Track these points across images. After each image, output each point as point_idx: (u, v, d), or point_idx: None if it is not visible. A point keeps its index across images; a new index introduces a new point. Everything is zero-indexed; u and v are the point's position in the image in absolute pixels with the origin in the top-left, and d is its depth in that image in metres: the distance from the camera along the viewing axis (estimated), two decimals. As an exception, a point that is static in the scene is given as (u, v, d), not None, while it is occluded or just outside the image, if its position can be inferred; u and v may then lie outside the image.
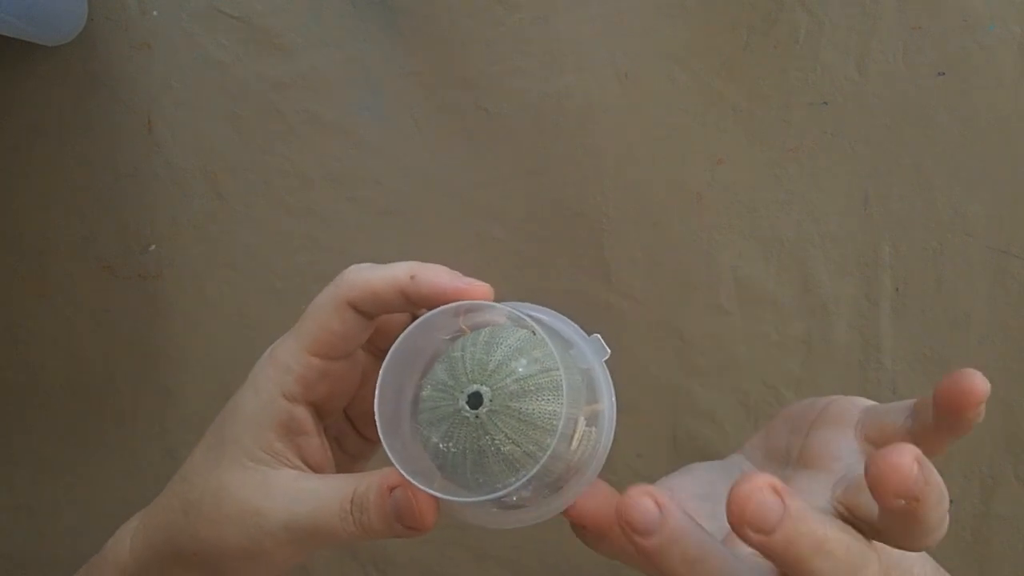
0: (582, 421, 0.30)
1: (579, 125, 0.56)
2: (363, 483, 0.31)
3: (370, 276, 0.32)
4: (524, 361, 0.29)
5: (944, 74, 0.54)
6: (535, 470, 0.28)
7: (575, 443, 0.30)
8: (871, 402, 0.32)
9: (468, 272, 0.34)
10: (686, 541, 0.25)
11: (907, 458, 0.24)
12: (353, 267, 0.33)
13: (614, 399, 0.31)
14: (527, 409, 0.29)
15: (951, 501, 0.57)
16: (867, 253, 0.56)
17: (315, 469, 0.34)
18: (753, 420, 0.57)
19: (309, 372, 0.33)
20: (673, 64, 0.55)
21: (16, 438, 0.62)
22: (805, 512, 0.24)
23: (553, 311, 0.33)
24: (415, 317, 0.33)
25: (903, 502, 0.24)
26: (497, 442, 0.29)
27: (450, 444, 0.29)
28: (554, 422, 0.29)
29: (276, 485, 0.32)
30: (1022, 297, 0.54)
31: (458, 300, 0.31)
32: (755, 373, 0.57)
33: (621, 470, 0.57)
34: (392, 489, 0.30)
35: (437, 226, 0.58)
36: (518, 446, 0.29)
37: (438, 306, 0.31)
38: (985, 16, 0.53)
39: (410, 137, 0.57)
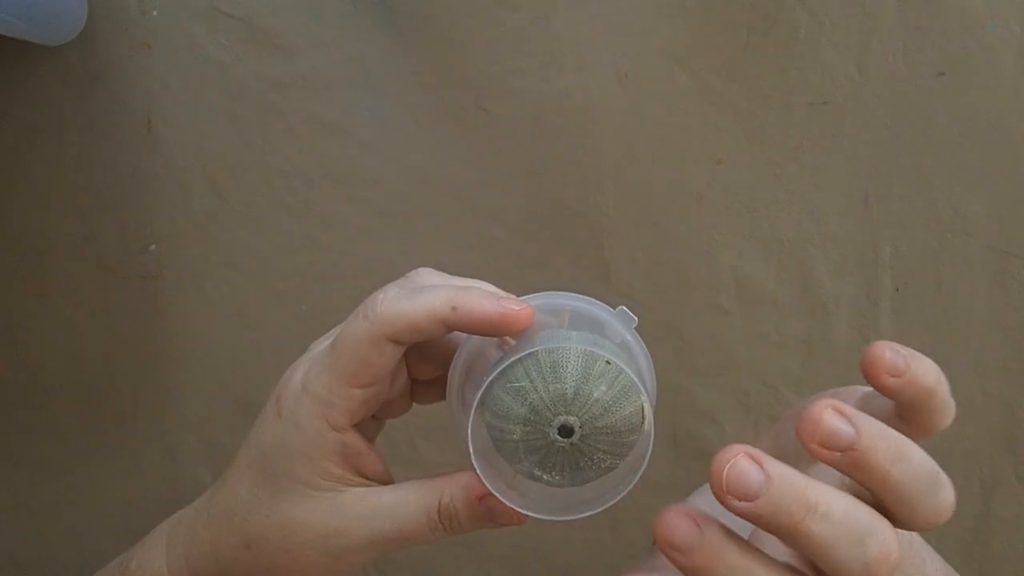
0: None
1: (579, 125, 0.56)
2: (446, 494, 0.32)
3: (408, 310, 0.31)
4: (599, 383, 0.30)
5: (944, 74, 0.54)
6: (640, 473, 0.30)
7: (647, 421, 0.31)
8: (869, 388, 0.32)
9: (469, 273, 0.34)
10: (727, 553, 0.25)
11: (817, 409, 0.25)
12: (385, 297, 0.32)
13: (650, 361, 0.33)
14: (614, 423, 0.30)
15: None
16: (867, 253, 0.56)
17: (377, 479, 0.34)
18: (753, 420, 0.57)
19: (353, 403, 0.32)
20: (673, 64, 0.55)
21: (16, 438, 0.62)
22: (788, 474, 0.25)
23: (569, 293, 0.34)
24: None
25: (838, 454, 0.25)
26: (596, 459, 0.31)
27: (549, 471, 0.31)
28: (639, 419, 0.31)
29: (349, 505, 0.33)
30: (1022, 297, 0.54)
31: (503, 329, 0.31)
32: (755, 373, 0.57)
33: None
34: (481, 499, 0.32)
35: (437, 226, 0.58)
36: (614, 455, 0.31)
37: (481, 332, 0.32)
38: (985, 16, 0.53)
39: (410, 137, 0.57)
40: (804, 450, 0.33)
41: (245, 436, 0.36)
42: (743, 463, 0.24)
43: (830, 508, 0.25)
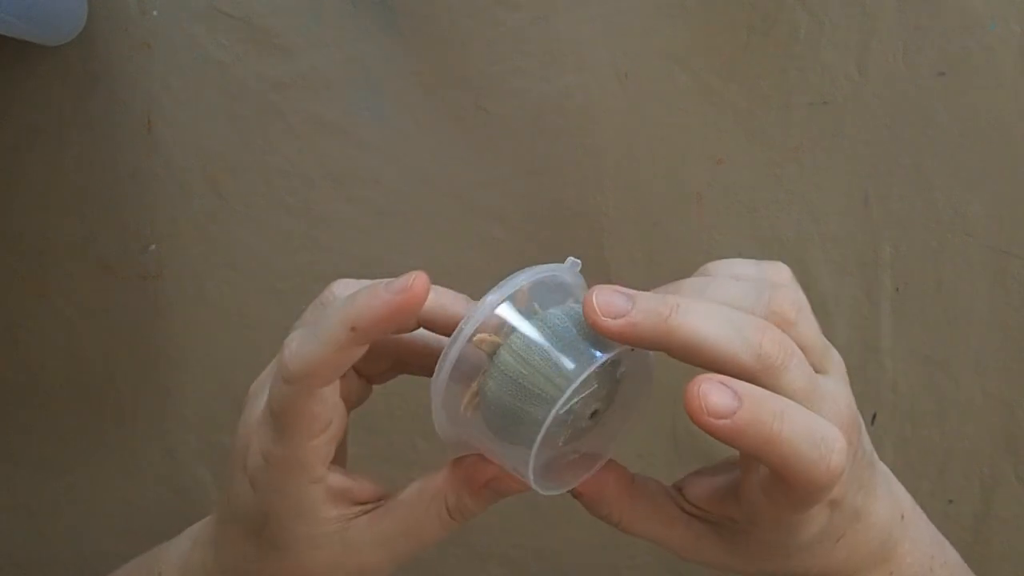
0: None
1: (579, 125, 0.56)
2: (450, 496, 0.33)
3: (316, 355, 0.29)
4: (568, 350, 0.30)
5: (944, 74, 0.54)
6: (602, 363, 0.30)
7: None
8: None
9: (469, 272, 0.34)
10: (769, 401, 0.27)
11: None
12: (291, 350, 0.30)
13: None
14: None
15: (950, 501, 0.57)
16: (867, 253, 0.56)
17: (372, 498, 0.34)
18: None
19: (319, 451, 0.32)
20: (673, 64, 0.55)
21: (16, 438, 0.62)
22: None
23: (521, 270, 0.33)
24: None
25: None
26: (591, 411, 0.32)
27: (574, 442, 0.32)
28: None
29: (359, 538, 0.33)
30: (1022, 297, 0.54)
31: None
32: (755, 373, 0.57)
33: (621, 470, 0.57)
34: (485, 485, 0.33)
35: (437, 226, 0.58)
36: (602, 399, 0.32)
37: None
38: (985, 16, 0.53)
39: (410, 137, 0.57)
40: None
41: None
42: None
43: (692, 304, 0.28)
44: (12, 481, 0.62)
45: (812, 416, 0.28)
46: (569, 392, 0.29)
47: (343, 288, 0.33)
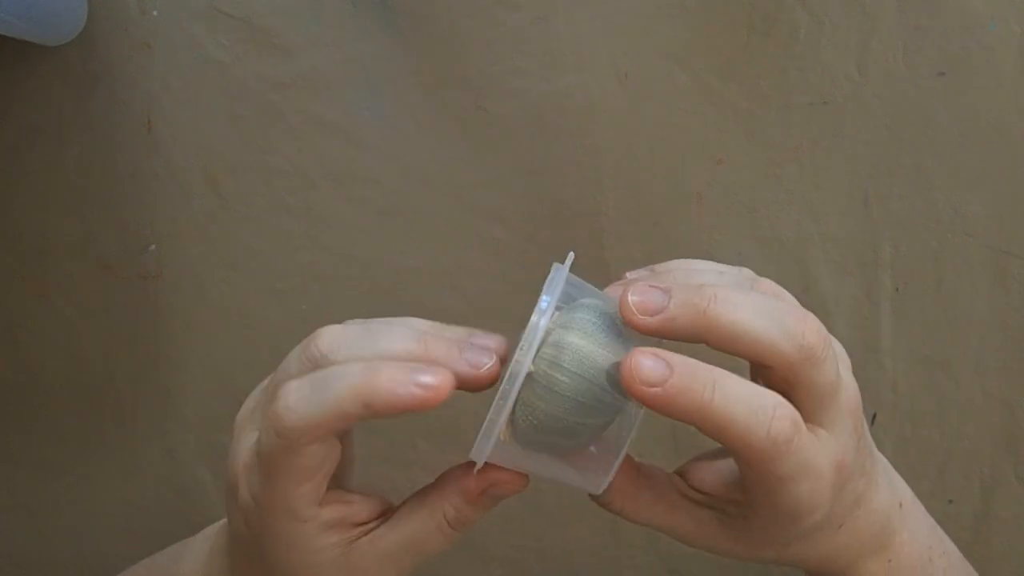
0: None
1: (579, 125, 0.56)
2: (448, 509, 0.32)
3: (316, 417, 0.28)
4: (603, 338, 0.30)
5: (944, 74, 0.54)
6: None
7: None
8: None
9: (469, 272, 0.34)
10: (701, 371, 0.28)
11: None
12: (287, 404, 0.29)
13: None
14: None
15: (950, 501, 0.57)
16: (867, 253, 0.56)
17: (373, 516, 0.34)
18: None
19: (310, 494, 0.31)
20: (673, 64, 0.55)
21: (16, 438, 0.62)
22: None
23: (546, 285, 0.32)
24: None
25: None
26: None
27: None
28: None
29: (364, 557, 0.33)
30: (1022, 297, 0.54)
31: (428, 405, 0.28)
32: (755, 373, 0.57)
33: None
34: (482, 492, 0.32)
35: (437, 226, 0.58)
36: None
37: None
38: (985, 16, 0.53)
39: (410, 137, 0.57)
40: None
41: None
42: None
43: (729, 294, 0.28)
44: (12, 481, 0.62)
45: (751, 385, 0.28)
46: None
47: (332, 341, 0.31)
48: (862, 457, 0.32)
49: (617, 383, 0.29)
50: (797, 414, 0.29)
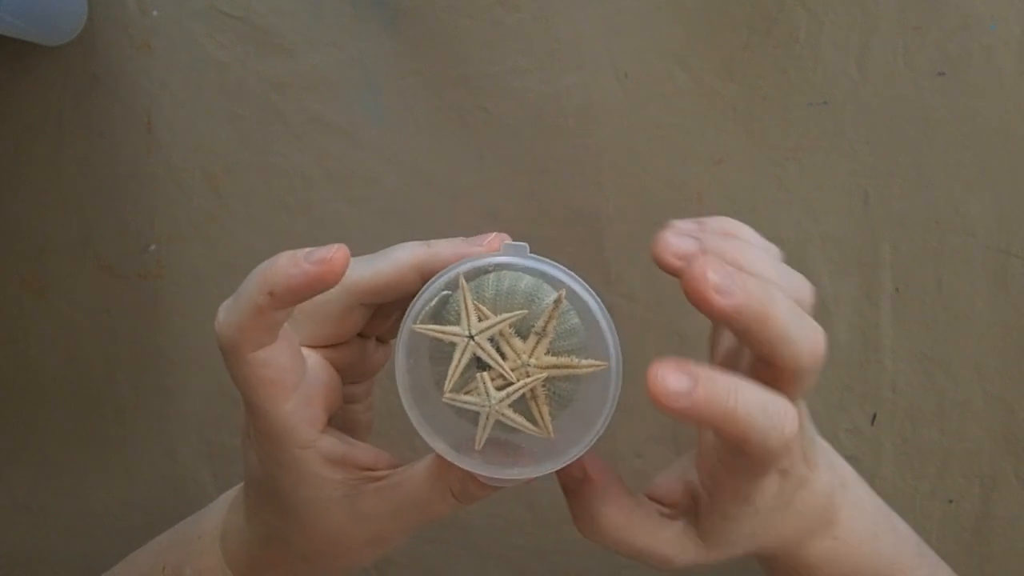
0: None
1: (579, 125, 0.56)
2: (454, 482, 0.34)
3: (371, 277, 0.32)
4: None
5: (944, 74, 0.54)
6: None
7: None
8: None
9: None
10: (721, 379, 0.28)
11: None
12: (218, 316, 0.32)
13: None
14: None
15: (950, 501, 0.57)
16: (867, 253, 0.56)
17: (376, 464, 0.35)
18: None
19: (306, 413, 0.33)
20: (673, 64, 0.55)
21: (16, 438, 0.62)
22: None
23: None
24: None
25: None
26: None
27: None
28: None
29: (372, 507, 0.34)
30: (1022, 297, 0.54)
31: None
32: (755, 373, 0.57)
33: (621, 471, 0.57)
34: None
35: (437, 226, 0.58)
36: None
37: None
38: (985, 16, 0.53)
39: (410, 137, 0.57)
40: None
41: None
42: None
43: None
44: (12, 481, 0.62)
45: (763, 391, 0.30)
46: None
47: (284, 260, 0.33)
48: (803, 441, 0.34)
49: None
50: (795, 413, 0.31)
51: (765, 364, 0.31)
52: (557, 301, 0.31)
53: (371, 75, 0.57)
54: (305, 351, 0.34)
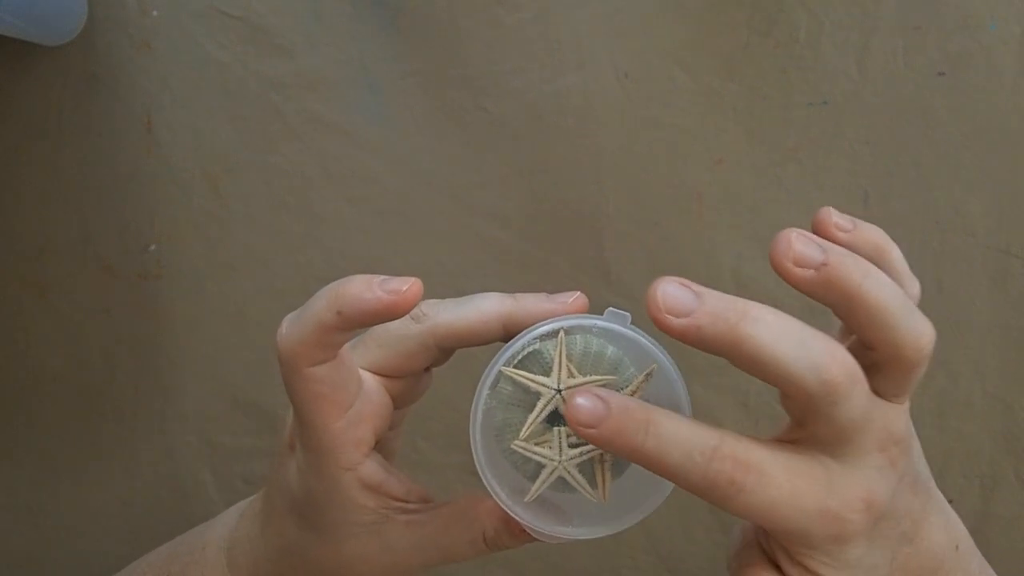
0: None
1: (579, 125, 0.56)
2: (488, 528, 0.33)
3: (456, 321, 0.32)
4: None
5: (944, 74, 0.54)
6: None
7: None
8: None
9: (469, 272, 0.34)
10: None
11: (786, 233, 0.27)
12: (281, 327, 0.32)
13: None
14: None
15: (950, 501, 0.58)
16: (867, 253, 0.56)
17: (407, 498, 0.35)
18: (753, 420, 0.57)
19: (355, 434, 0.33)
20: (673, 64, 0.55)
21: (16, 438, 0.62)
22: (716, 292, 0.27)
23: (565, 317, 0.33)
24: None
25: (811, 272, 0.27)
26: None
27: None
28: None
29: (396, 538, 0.34)
30: (1022, 297, 0.54)
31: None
32: (755, 373, 0.57)
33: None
34: (523, 531, 0.32)
35: (437, 226, 0.58)
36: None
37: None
38: (985, 16, 0.53)
39: (410, 137, 0.57)
40: None
41: (246, 438, 0.36)
42: (674, 287, 0.26)
43: (762, 313, 0.26)
44: (12, 481, 0.62)
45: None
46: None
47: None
48: (905, 497, 0.30)
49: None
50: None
51: (865, 350, 0.28)
52: (649, 374, 0.31)
53: (371, 75, 0.57)
54: (364, 374, 0.34)
